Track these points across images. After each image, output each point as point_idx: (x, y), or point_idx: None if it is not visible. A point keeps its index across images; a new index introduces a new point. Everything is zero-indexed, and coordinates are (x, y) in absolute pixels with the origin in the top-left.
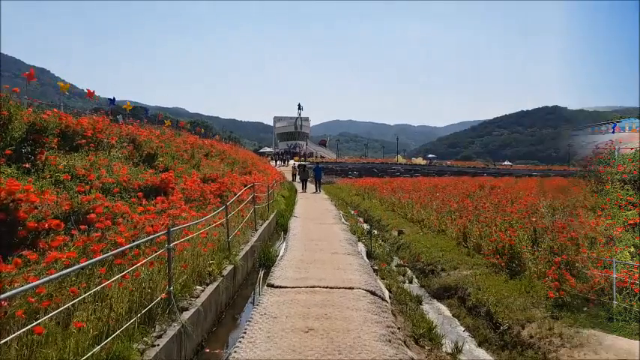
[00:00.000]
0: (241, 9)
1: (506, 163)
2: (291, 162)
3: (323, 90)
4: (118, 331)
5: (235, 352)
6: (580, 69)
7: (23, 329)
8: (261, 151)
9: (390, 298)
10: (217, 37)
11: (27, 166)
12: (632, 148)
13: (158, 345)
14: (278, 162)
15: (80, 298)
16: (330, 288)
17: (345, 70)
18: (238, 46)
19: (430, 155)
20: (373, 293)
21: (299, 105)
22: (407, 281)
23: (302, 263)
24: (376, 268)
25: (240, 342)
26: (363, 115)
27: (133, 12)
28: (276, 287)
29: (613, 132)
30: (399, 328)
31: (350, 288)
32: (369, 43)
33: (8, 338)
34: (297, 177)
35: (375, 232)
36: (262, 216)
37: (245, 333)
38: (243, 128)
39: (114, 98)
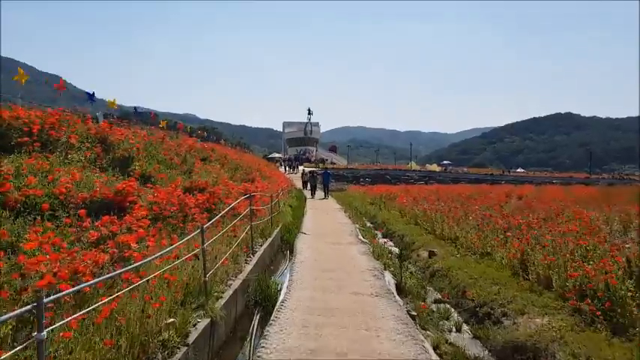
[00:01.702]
0: (252, 17)
1: (519, 170)
2: (301, 168)
3: (333, 96)
4: None
5: None
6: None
7: None
8: (270, 156)
9: None
10: (228, 45)
11: None
12: None
13: None
14: (287, 168)
15: None
16: None
17: (356, 77)
18: (250, 54)
19: (445, 162)
20: None
21: (309, 110)
22: (454, 328)
23: (311, 315)
24: (414, 313)
25: None
26: (373, 122)
27: (142, 18)
28: None
29: None
30: None
31: None
32: (380, 49)
33: None
34: (308, 184)
35: (400, 250)
36: (264, 233)
37: None
38: (253, 134)
39: (93, 93)
